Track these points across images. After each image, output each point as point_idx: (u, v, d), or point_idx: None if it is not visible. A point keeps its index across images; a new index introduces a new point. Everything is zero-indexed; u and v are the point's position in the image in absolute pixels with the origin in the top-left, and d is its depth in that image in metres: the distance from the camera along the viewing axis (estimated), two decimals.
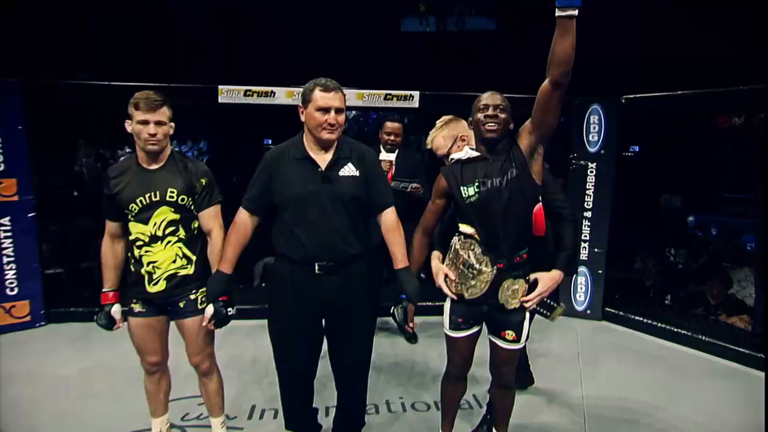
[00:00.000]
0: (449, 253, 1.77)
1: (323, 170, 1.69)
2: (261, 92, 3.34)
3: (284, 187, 1.69)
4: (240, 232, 1.77)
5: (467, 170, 1.72)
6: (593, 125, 3.61)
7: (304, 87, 1.69)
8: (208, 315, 1.76)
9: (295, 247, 1.69)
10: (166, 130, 1.74)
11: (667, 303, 3.86)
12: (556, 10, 1.42)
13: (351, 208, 1.71)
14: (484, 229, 1.67)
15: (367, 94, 3.51)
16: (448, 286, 1.76)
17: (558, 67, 1.48)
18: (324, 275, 1.71)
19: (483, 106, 1.71)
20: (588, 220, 3.66)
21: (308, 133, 1.71)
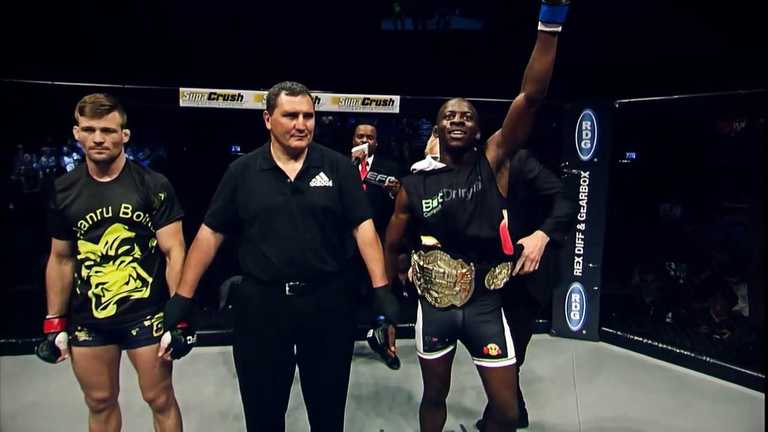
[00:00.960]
0: (415, 275, 1.82)
1: (292, 181, 1.69)
2: (227, 95, 3.34)
3: (250, 200, 1.69)
4: (202, 251, 1.76)
5: (431, 182, 1.77)
6: (586, 131, 3.71)
7: (268, 91, 1.70)
8: (164, 344, 1.73)
9: (262, 265, 1.68)
10: (117, 138, 1.73)
11: (668, 321, 3.95)
12: (539, 24, 1.47)
13: (324, 222, 1.71)
14: (447, 240, 1.73)
15: (344, 98, 3.55)
16: (429, 302, 1.80)
17: (535, 83, 1.54)
18: (295, 296, 1.70)
19: (449, 113, 1.76)
20: (581, 233, 3.74)
21: (275, 142, 1.71)
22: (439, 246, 1.75)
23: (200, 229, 1.77)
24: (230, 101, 3.35)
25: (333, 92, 3.57)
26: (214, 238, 1.77)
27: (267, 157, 1.72)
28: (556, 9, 1.43)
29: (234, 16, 6.17)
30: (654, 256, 4.44)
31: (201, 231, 1.77)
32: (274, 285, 1.69)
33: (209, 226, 1.76)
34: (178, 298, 1.76)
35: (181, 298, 1.75)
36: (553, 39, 1.48)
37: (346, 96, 3.56)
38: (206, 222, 1.77)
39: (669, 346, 3.47)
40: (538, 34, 1.49)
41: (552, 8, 1.43)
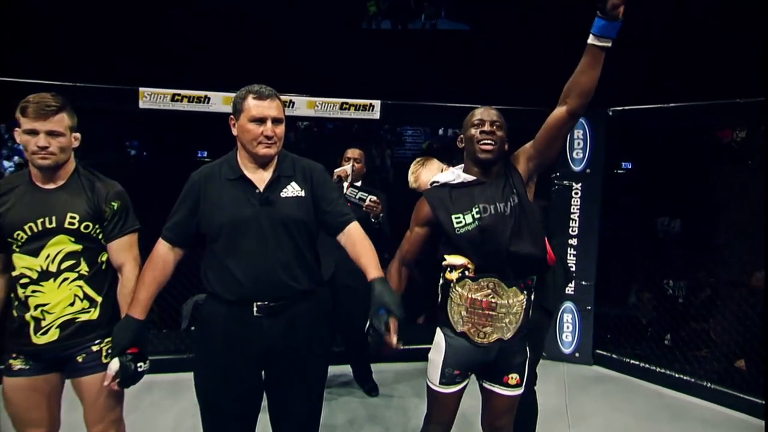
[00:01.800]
0: (460, 306, 1.77)
1: (261, 191, 1.68)
2: (192, 97, 3.33)
3: (214, 212, 1.66)
4: (158, 268, 1.73)
5: (459, 195, 1.76)
6: (577, 141, 3.78)
7: (235, 95, 1.70)
8: (111, 371, 1.68)
9: (228, 284, 1.66)
10: (65, 142, 1.70)
11: (666, 344, 4.00)
12: (590, 37, 1.57)
13: (297, 235, 1.69)
14: (484, 259, 1.71)
15: (320, 102, 3.56)
16: (472, 338, 1.76)
17: (580, 97, 1.63)
18: (264, 318, 1.67)
19: (477, 122, 1.77)
20: (573, 249, 3.79)
21: (242, 149, 1.70)
22: (471, 267, 1.73)
23: (157, 243, 1.75)
24: (196, 103, 3.33)
25: (309, 95, 3.58)
26: (172, 253, 1.74)
27: (233, 165, 1.70)
28: (611, 24, 1.53)
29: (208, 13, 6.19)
30: (651, 274, 4.51)
31: (157, 246, 1.74)
32: (240, 305, 1.66)
33: (167, 240, 1.73)
34: (128, 319, 1.72)
35: (132, 320, 1.71)
36: (601, 53, 1.58)
37: (323, 100, 3.57)
38: (164, 236, 1.74)
39: (668, 370, 3.52)
40: (587, 47, 1.58)
41: (609, 23, 1.53)
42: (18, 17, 5.14)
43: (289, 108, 3.49)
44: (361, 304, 3.16)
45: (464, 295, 1.75)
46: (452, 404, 1.82)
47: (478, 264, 1.73)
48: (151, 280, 1.73)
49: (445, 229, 1.75)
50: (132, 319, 1.71)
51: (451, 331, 1.79)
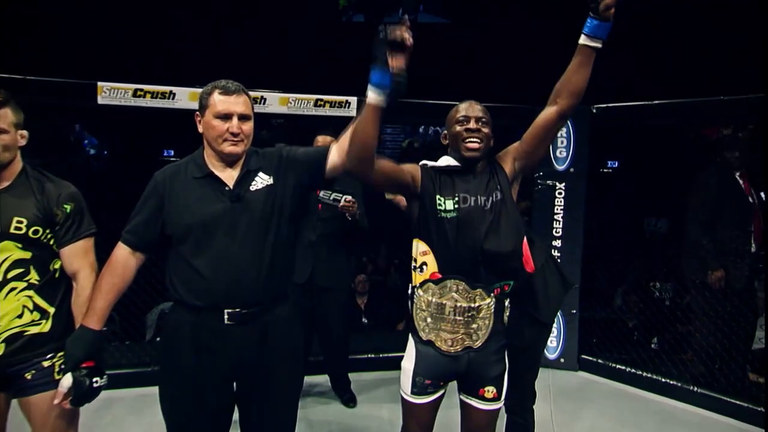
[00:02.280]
0: (424, 312, 1.76)
1: (231, 188, 1.67)
2: (156, 93, 3.28)
3: (181, 212, 1.65)
4: (117, 273, 1.69)
5: (444, 181, 1.76)
6: (561, 139, 3.83)
7: (201, 91, 1.69)
8: (62, 388, 1.63)
9: (196, 290, 1.63)
10: (9, 140, 1.66)
11: (653, 347, 4.07)
12: (581, 37, 1.63)
13: (271, 232, 1.68)
14: (457, 255, 1.70)
15: (294, 98, 3.54)
16: (439, 346, 1.74)
17: (571, 97, 1.69)
18: (236, 326, 1.65)
19: (462, 118, 1.78)
20: (557, 250, 3.84)
21: (209, 147, 1.70)
22: (450, 277, 1.70)
23: (116, 247, 1.71)
24: (160, 99, 3.28)
25: (282, 91, 3.56)
26: (132, 258, 1.71)
27: (200, 163, 1.70)
28: (603, 25, 1.61)
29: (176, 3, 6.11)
30: (638, 275, 4.59)
31: (117, 250, 1.71)
32: (209, 312, 1.64)
33: (128, 243, 1.70)
34: (83, 331, 1.68)
35: (88, 331, 1.67)
36: (593, 54, 1.65)
37: (297, 96, 3.55)
38: (124, 239, 1.70)
39: (654, 375, 3.58)
40: (579, 47, 1.65)
41: (601, 23, 1.60)
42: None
43: (260, 105, 3.46)
44: (339, 308, 3.22)
45: (428, 300, 1.75)
46: (427, 415, 1.82)
47: (448, 257, 1.71)
48: (110, 287, 1.69)
49: (426, 205, 1.74)
50: (87, 330, 1.67)
51: (418, 339, 1.79)
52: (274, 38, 6.62)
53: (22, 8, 5.25)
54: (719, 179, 3.44)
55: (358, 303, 4.60)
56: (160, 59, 5.83)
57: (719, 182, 3.42)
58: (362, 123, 1.55)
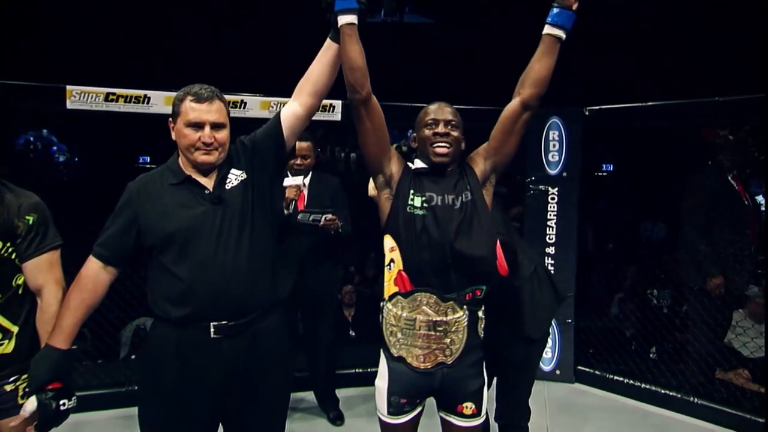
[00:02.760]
0: (395, 327, 1.76)
1: (211, 191, 1.68)
2: (129, 97, 3.26)
3: (160, 220, 1.65)
4: (87, 289, 1.67)
5: (416, 181, 1.80)
6: (553, 142, 3.86)
7: (174, 96, 1.69)
8: (25, 412, 1.61)
9: (180, 302, 1.62)
10: None
11: (652, 357, 4.10)
12: (545, 26, 1.72)
13: (255, 234, 1.69)
14: (425, 256, 1.71)
15: (276, 102, 3.54)
16: (411, 363, 1.75)
17: (533, 86, 1.75)
18: (223, 340, 1.64)
19: (431, 121, 1.81)
20: (551, 258, 3.86)
21: (181, 154, 1.71)
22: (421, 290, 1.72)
23: (87, 261, 1.70)
24: (134, 104, 3.26)
25: (263, 95, 3.56)
26: (104, 273, 1.69)
27: (176, 170, 1.71)
28: (565, 13, 1.70)
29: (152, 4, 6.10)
30: (635, 283, 4.62)
31: (87, 264, 1.69)
32: (195, 326, 1.63)
33: (99, 257, 1.68)
34: (48, 350, 1.65)
35: (53, 351, 1.64)
36: (556, 44, 1.73)
37: (279, 100, 3.55)
38: (95, 252, 1.69)
39: (653, 386, 3.60)
40: (542, 37, 1.74)
41: (562, 11, 1.70)
42: None
43: (240, 109, 3.46)
44: (328, 321, 3.22)
45: (398, 315, 1.75)
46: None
47: (415, 254, 1.71)
48: (78, 304, 1.67)
49: (399, 200, 1.77)
50: (53, 350, 1.64)
51: (390, 356, 1.79)
52: (274, 38, 6.63)
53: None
54: (713, 182, 3.49)
55: (345, 315, 4.59)
56: (160, 60, 5.84)
57: (713, 185, 3.48)
58: (344, 49, 1.70)
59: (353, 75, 1.71)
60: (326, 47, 1.82)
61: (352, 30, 1.71)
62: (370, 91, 1.75)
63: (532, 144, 3.89)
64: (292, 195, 2.78)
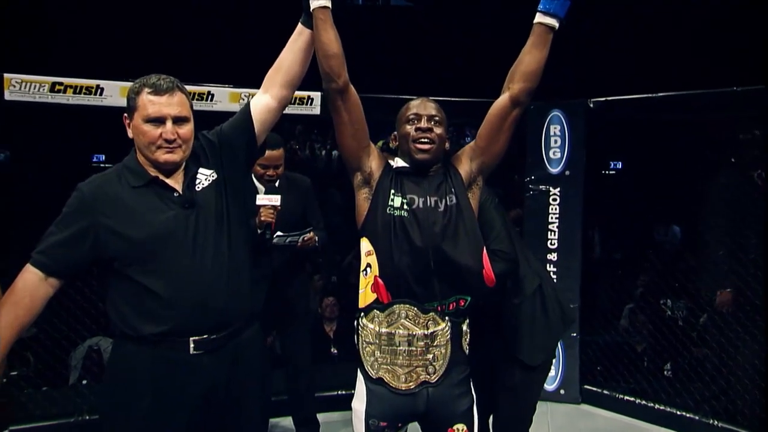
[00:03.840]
0: (372, 346, 1.77)
1: (181, 193, 1.68)
2: (79, 87, 3.21)
3: (126, 228, 1.61)
4: (21, 304, 1.60)
5: (397, 181, 1.82)
6: (554, 138, 3.86)
7: (129, 88, 1.68)
8: None
9: (156, 317, 1.61)
10: None
11: (666, 375, 4.10)
12: (536, 15, 1.73)
13: (233, 237, 1.71)
14: (407, 255, 1.72)
15: (247, 94, 3.51)
16: (391, 383, 1.75)
17: (524, 80, 1.77)
18: (205, 355, 1.65)
19: (413, 117, 1.84)
20: (553, 265, 3.85)
21: (140, 153, 1.69)
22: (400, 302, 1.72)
23: (23, 271, 1.63)
24: (84, 95, 3.21)
25: (233, 86, 3.53)
26: (43, 285, 1.63)
27: (138, 170, 1.68)
28: (564, 3, 1.70)
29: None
30: (647, 293, 4.62)
31: (24, 274, 1.63)
32: (172, 342, 1.63)
33: (40, 266, 1.62)
34: None
35: None
36: (549, 34, 1.74)
37: (250, 91, 3.52)
38: (34, 261, 1.62)
39: (668, 407, 3.59)
40: (533, 26, 1.75)
41: (563, 1, 1.70)
42: None
43: (207, 101, 3.45)
44: (304, 338, 3.19)
45: (375, 331, 1.76)
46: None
47: (393, 259, 1.72)
48: (11, 321, 1.60)
49: (378, 200, 1.78)
50: None
51: (368, 377, 1.79)
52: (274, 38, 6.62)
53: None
54: (737, 181, 3.45)
55: (326, 330, 4.56)
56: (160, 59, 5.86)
57: (737, 185, 3.44)
58: (318, 34, 1.73)
59: (328, 63, 1.73)
60: (298, 33, 1.85)
61: (325, 14, 1.73)
62: (347, 80, 1.77)
63: (532, 140, 3.90)
64: (269, 218, 2.69)
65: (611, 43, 5.81)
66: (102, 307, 2.70)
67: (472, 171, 1.86)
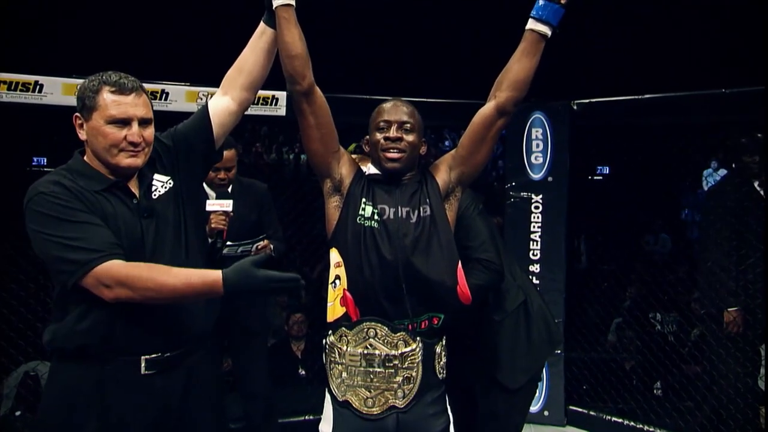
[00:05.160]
0: (339, 366, 1.78)
1: (139, 200, 1.68)
2: (15, 83, 3.14)
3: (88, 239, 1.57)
4: (148, 267, 1.61)
5: (368, 189, 1.86)
6: (536, 142, 3.89)
7: (81, 85, 1.66)
8: None
9: (102, 335, 1.60)
10: None
11: (656, 394, 4.15)
12: (529, 21, 1.76)
13: (190, 249, 1.72)
14: (378, 268, 1.74)
15: (205, 93, 3.49)
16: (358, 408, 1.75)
17: (511, 89, 1.79)
18: (157, 375, 1.65)
19: (383, 125, 1.87)
20: (536, 277, 3.88)
21: (94, 157, 1.67)
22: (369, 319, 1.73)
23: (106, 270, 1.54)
24: (21, 92, 3.15)
25: (189, 84, 3.51)
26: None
27: (92, 174, 1.66)
28: (551, 6, 1.73)
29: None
30: (635, 306, 4.68)
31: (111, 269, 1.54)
32: (122, 361, 1.62)
33: (117, 257, 1.56)
34: None
35: None
36: (540, 42, 1.76)
37: (208, 90, 3.50)
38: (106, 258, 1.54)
39: (658, 429, 3.61)
40: (525, 33, 1.78)
41: (547, 3, 1.73)
42: None
43: (162, 101, 3.42)
44: (261, 357, 3.14)
45: (341, 351, 1.78)
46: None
47: (363, 272, 1.74)
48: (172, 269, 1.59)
49: (349, 209, 1.81)
50: None
51: (335, 399, 1.81)
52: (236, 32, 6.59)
53: None
54: (737, 189, 3.43)
55: (294, 350, 4.53)
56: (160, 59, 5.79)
57: (737, 193, 3.42)
58: (281, 34, 1.73)
59: (292, 64, 1.75)
60: (260, 32, 1.86)
61: (289, 13, 1.74)
62: (312, 81, 1.79)
63: (512, 144, 3.93)
64: (220, 225, 2.66)
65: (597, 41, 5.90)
66: (40, 328, 2.64)
67: (451, 181, 1.91)
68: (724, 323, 3.39)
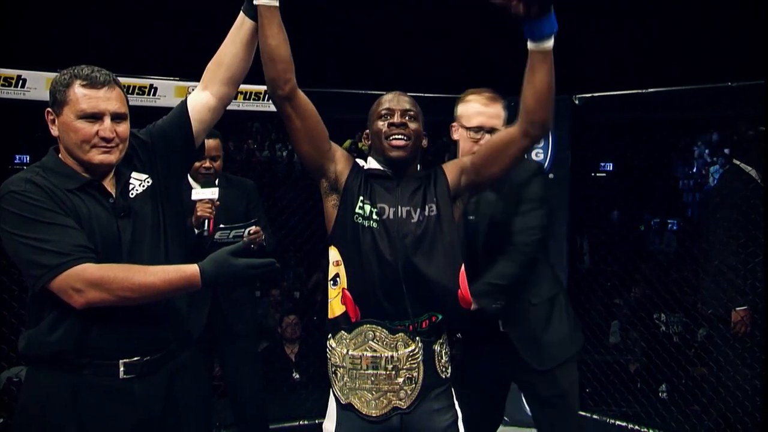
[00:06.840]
0: (340, 369, 1.80)
1: (115, 199, 1.68)
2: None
3: (58, 241, 1.56)
4: (122, 267, 1.60)
5: (368, 186, 1.85)
6: None
7: (53, 79, 1.66)
8: None
9: (78, 339, 1.60)
10: None
11: (662, 396, 4.15)
12: (528, 43, 1.69)
13: (169, 250, 1.73)
14: (377, 268, 1.74)
15: (194, 87, 3.48)
16: (360, 410, 1.76)
17: (535, 113, 1.73)
18: (136, 380, 1.65)
19: (385, 112, 1.87)
20: None
21: (67, 154, 1.67)
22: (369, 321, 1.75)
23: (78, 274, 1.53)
24: (4, 88, 3.16)
25: (179, 78, 3.50)
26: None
27: (66, 171, 1.65)
28: (543, 22, 1.65)
29: None
30: (639, 307, 4.68)
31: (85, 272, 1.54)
32: (99, 366, 1.62)
33: (88, 261, 1.55)
34: None
35: None
36: (547, 56, 1.69)
37: (196, 84, 3.50)
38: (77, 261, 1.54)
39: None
40: (529, 54, 1.70)
41: (539, 20, 1.64)
42: None
43: (150, 96, 3.42)
44: (250, 361, 3.12)
45: (342, 354, 1.79)
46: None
47: (362, 271, 1.75)
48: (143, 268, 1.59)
49: (347, 206, 1.81)
50: None
51: (338, 402, 1.82)
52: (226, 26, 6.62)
53: None
54: (743, 184, 3.42)
55: (288, 353, 4.53)
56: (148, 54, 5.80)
57: (743, 187, 3.40)
58: (262, 35, 1.71)
59: (275, 68, 1.73)
60: (239, 24, 1.84)
61: (272, 13, 1.71)
62: (294, 85, 1.78)
63: None
64: (206, 213, 2.69)
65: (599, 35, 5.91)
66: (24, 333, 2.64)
67: (461, 185, 1.89)
68: (731, 323, 3.40)
